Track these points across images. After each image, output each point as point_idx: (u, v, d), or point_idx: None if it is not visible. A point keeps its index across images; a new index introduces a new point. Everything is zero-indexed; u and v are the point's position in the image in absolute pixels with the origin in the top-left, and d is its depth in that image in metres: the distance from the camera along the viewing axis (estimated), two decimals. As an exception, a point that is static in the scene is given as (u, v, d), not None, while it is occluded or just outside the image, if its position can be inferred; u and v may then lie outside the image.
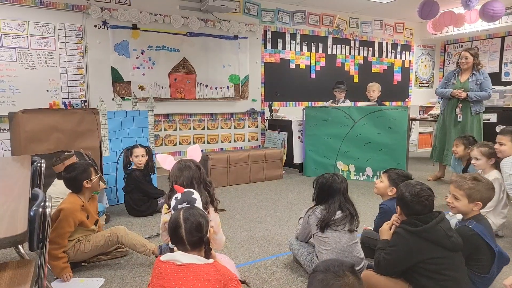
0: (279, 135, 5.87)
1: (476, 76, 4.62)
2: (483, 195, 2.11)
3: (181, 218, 1.57)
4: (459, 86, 4.65)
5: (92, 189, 2.55)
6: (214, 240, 2.01)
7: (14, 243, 1.18)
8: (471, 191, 2.10)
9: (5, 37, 4.49)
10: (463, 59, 4.66)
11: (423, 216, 1.89)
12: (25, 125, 3.56)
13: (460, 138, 3.96)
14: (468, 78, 4.66)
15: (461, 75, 4.75)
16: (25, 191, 1.68)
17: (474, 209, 2.12)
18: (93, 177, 2.51)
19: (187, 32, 5.52)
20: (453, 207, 2.16)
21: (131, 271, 2.51)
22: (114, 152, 4.04)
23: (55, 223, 2.31)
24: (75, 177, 2.46)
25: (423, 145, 8.06)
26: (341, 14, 6.93)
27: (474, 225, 2.04)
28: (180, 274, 1.47)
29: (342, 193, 2.30)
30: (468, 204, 2.11)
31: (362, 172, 5.12)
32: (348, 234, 2.24)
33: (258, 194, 4.50)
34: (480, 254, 1.97)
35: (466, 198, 2.11)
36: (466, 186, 2.11)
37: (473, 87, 4.59)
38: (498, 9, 5.41)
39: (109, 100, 4.76)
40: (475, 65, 4.62)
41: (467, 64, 4.64)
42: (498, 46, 7.19)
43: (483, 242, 1.99)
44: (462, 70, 4.73)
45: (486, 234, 2.01)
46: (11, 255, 2.66)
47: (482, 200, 2.11)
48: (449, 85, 4.80)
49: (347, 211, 2.27)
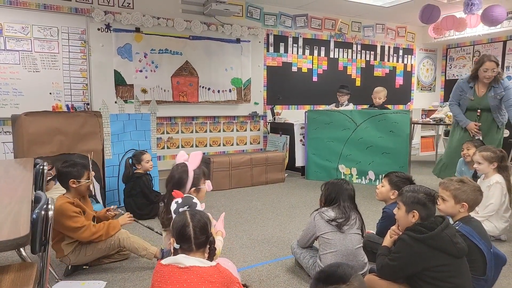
0: (281, 138, 5.87)
1: (496, 89, 3.83)
2: (469, 196, 2.16)
3: (188, 217, 1.60)
4: (477, 102, 3.94)
5: (78, 191, 2.49)
6: None
7: (16, 246, 1.18)
8: (457, 191, 2.17)
9: (9, 40, 4.51)
10: (489, 72, 3.75)
11: (427, 223, 1.87)
12: (28, 127, 3.57)
13: (470, 141, 3.73)
14: (487, 92, 3.89)
15: (477, 87, 3.95)
16: (28, 194, 1.68)
17: (460, 211, 2.17)
18: (82, 180, 2.47)
19: (190, 36, 5.54)
20: (440, 209, 2.21)
21: (132, 275, 2.51)
22: (116, 155, 4.04)
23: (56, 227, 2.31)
24: (66, 172, 2.45)
25: (425, 148, 8.04)
26: (343, 18, 6.94)
27: (461, 226, 2.08)
28: (184, 276, 1.48)
29: (350, 197, 2.33)
30: (454, 205, 2.17)
31: (364, 175, 5.11)
32: (354, 237, 2.24)
33: (260, 198, 4.50)
34: (470, 255, 1.95)
35: (453, 198, 2.17)
36: (452, 187, 2.19)
37: (494, 103, 3.85)
38: (499, 13, 5.41)
39: (111, 103, 4.77)
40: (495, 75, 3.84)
41: (492, 78, 3.80)
42: (500, 50, 7.18)
43: (470, 243, 2.00)
44: (478, 81, 3.93)
45: (473, 235, 2.03)
46: (13, 258, 2.66)
47: (468, 201, 2.16)
48: (465, 99, 4.04)
49: (357, 215, 2.30)
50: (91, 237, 2.42)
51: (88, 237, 2.41)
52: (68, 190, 2.48)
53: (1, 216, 1.37)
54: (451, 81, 8.08)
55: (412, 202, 1.94)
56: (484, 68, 3.78)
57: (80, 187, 2.48)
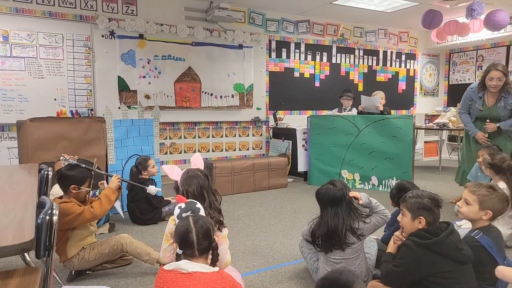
0: (284, 144, 5.87)
1: (506, 99, 3.76)
2: (496, 205, 2.04)
3: (191, 223, 1.61)
4: (486, 113, 3.88)
5: (76, 197, 2.47)
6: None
7: (21, 251, 1.19)
8: (484, 198, 2.04)
9: (15, 47, 4.57)
10: (495, 81, 3.70)
11: (432, 229, 1.84)
12: (32, 133, 3.60)
13: (485, 147, 3.65)
14: (496, 102, 3.83)
15: (487, 97, 3.89)
16: (33, 199, 1.70)
17: (483, 218, 2.04)
18: (83, 187, 2.46)
19: (193, 42, 5.58)
20: (462, 212, 2.10)
21: (135, 280, 2.51)
22: (120, 160, 4.06)
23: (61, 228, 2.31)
24: (68, 176, 2.44)
25: (429, 154, 8.02)
26: (345, 24, 6.97)
27: (481, 236, 1.98)
28: (187, 282, 1.48)
29: (331, 200, 2.19)
30: (478, 211, 2.04)
31: (367, 181, 5.10)
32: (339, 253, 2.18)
33: (262, 203, 4.50)
34: (483, 266, 1.91)
35: (478, 204, 2.04)
36: (480, 192, 2.05)
37: (504, 113, 3.80)
38: (502, 18, 5.41)
39: (115, 109, 4.82)
40: (504, 84, 3.73)
41: (499, 87, 3.75)
42: (503, 55, 7.18)
43: (487, 255, 1.93)
44: (487, 91, 3.86)
45: (492, 247, 1.95)
46: (17, 262, 2.68)
47: (494, 210, 2.04)
48: (474, 109, 3.99)
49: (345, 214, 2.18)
50: (94, 214, 2.41)
51: (91, 217, 2.41)
52: (66, 194, 2.47)
53: (6, 221, 1.39)
54: (454, 86, 8.08)
55: (417, 208, 1.88)
56: (489, 77, 3.74)
57: (80, 193, 2.47)
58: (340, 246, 2.15)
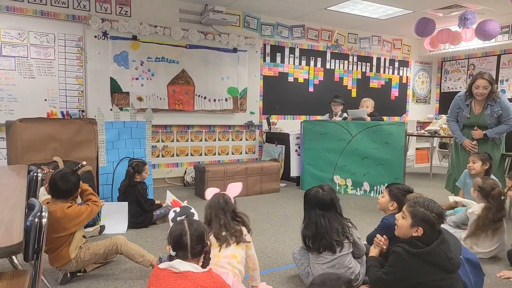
0: (277, 148, 5.87)
1: (493, 107, 3.85)
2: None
3: (186, 226, 1.66)
4: (474, 120, 3.96)
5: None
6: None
7: (9, 253, 1.16)
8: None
9: (5, 46, 4.50)
10: (481, 89, 3.80)
11: (423, 237, 1.84)
12: (22, 134, 3.55)
13: (477, 154, 3.72)
14: (483, 110, 3.92)
15: (474, 105, 3.98)
16: (21, 201, 1.67)
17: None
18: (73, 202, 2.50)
19: (187, 44, 5.56)
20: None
21: (125, 283, 2.48)
22: (111, 162, 4.02)
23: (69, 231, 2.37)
24: (74, 184, 2.48)
25: (420, 160, 8.09)
26: (340, 30, 7.02)
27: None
28: (178, 281, 1.54)
29: (320, 204, 2.27)
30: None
31: (359, 186, 5.12)
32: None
33: (254, 207, 4.48)
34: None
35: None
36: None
37: (491, 121, 3.89)
38: (493, 28, 5.50)
39: (107, 111, 4.76)
40: (490, 93, 3.83)
41: (484, 96, 3.85)
42: (494, 64, 7.29)
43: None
44: (474, 99, 3.95)
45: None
46: (4, 265, 2.62)
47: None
48: (462, 117, 4.07)
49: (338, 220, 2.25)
50: (97, 206, 2.55)
51: (96, 210, 2.55)
52: (66, 199, 2.46)
53: (-7, 223, 1.36)
54: (446, 93, 8.17)
55: (421, 219, 1.86)
56: (476, 85, 3.84)
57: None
58: (330, 248, 2.21)
